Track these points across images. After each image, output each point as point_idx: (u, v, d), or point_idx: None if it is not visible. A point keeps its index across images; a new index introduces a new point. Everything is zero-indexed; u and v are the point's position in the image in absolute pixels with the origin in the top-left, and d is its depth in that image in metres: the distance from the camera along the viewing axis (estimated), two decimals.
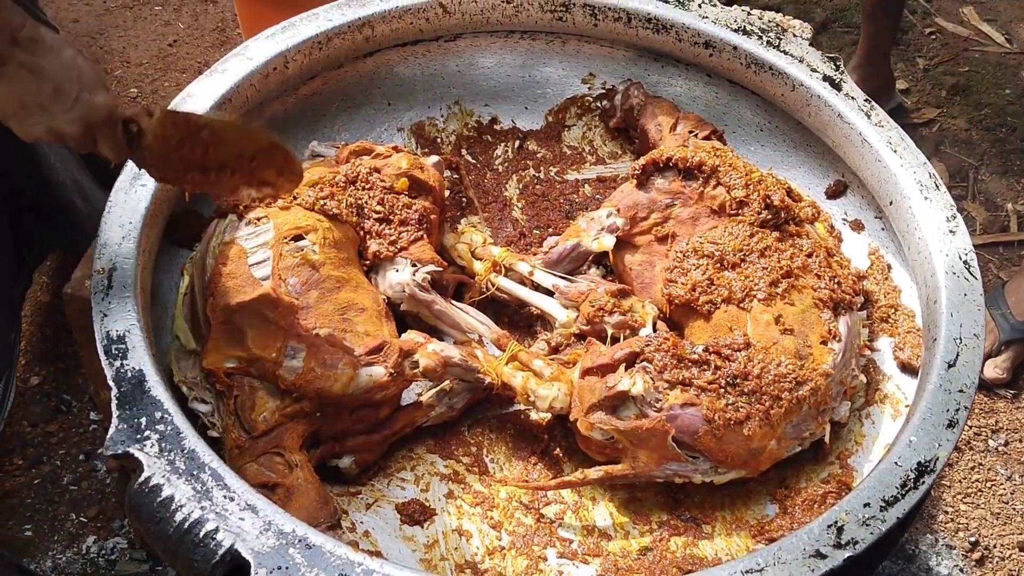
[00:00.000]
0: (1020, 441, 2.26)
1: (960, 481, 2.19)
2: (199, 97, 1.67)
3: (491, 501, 1.51)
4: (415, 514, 1.48)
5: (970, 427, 2.26)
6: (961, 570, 2.05)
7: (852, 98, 1.76)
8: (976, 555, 2.07)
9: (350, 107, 1.93)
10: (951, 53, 3.19)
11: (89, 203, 1.96)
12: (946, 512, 2.14)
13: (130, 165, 1.56)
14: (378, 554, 1.40)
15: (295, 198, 1.59)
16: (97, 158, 2.01)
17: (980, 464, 2.22)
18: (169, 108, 1.34)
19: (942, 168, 2.85)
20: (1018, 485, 2.18)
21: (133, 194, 1.52)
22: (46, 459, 2.11)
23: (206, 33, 3.16)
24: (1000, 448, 2.24)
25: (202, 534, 1.16)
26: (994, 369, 2.33)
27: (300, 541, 1.17)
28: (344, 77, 1.90)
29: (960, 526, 2.12)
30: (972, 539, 2.09)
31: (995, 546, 2.09)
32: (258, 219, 1.57)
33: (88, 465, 2.11)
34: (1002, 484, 2.18)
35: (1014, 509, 2.14)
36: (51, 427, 2.16)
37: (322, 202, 1.60)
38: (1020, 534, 2.11)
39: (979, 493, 2.17)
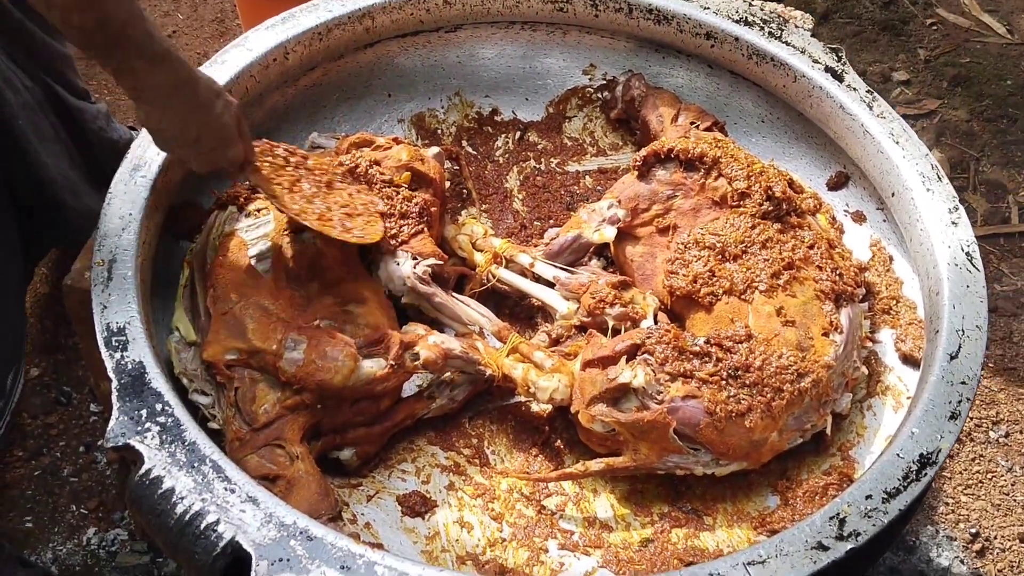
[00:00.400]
0: (1021, 432, 2.26)
1: (961, 472, 2.18)
2: None
3: (492, 493, 1.51)
4: (416, 506, 1.48)
5: (971, 418, 2.26)
6: (962, 561, 2.05)
7: (854, 89, 1.75)
8: (977, 546, 2.07)
9: (350, 98, 1.92)
10: (952, 44, 3.18)
11: (79, 199, 1.96)
12: (947, 504, 2.13)
13: (129, 157, 1.55)
14: (379, 546, 1.39)
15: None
16: (91, 156, 2.01)
17: (981, 456, 2.21)
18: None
19: (943, 159, 2.84)
20: (1019, 476, 2.18)
21: (133, 185, 1.52)
22: (46, 451, 2.11)
23: (205, 24, 3.14)
24: (1001, 439, 2.24)
25: (203, 526, 1.16)
26: None
27: (301, 533, 1.17)
28: (344, 68, 1.90)
29: (961, 517, 2.12)
30: (973, 530, 2.09)
31: (996, 537, 2.09)
32: (258, 211, 1.56)
33: (88, 457, 2.11)
34: (1003, 475, 2.18)
35: (1015, 500, 2.14)
36: (51, 419, 2.16)
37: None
38: (1021, 525, 2.10)
39: (980, 484, 2.17)
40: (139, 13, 1.24)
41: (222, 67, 1.70)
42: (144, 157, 1.55)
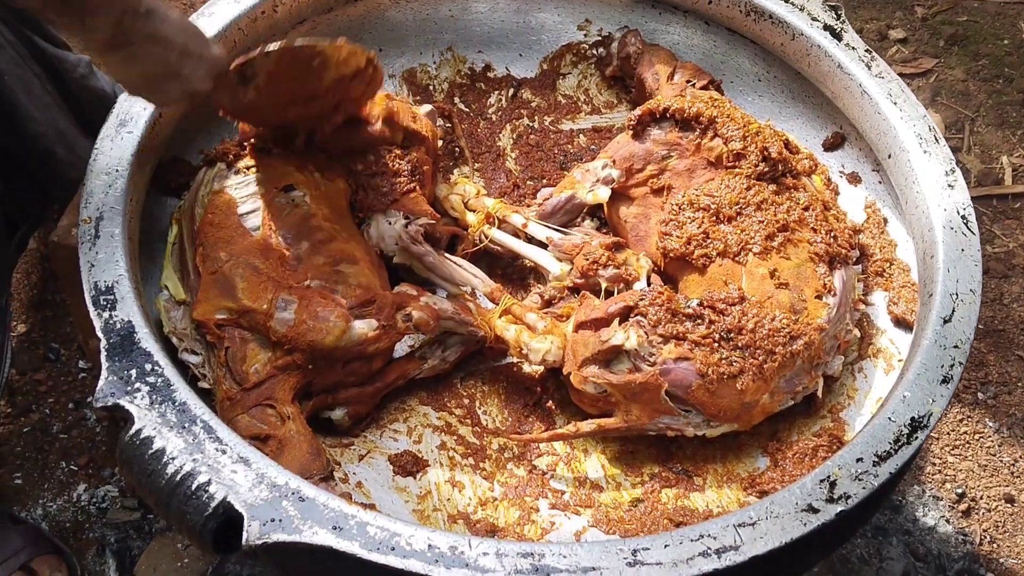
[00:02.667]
0: (1009, 394, 2.27)
1: (948, 433, 2.20)
2: None
3: (483, 453, 1.51)
4: (408, 465, 1.48)
5: (961, 378, 2.27)
6: (947, 521, 2.07)
7: (852, 48, 1.73)
8: (963, 506, 2.09)
9: None
10: (950, 2, 3.14)
11: (72, 151, 1.92)
12: (933, 464, 2.15)
13: (115, 111, 1.52)
14: (371, 506, 1.40)
15: (288, 148, 1.55)
16: (77, 106, 1.96)
17: (969, 417, 2.23)
18: (286, 45, 1.38)
19: (938, 119, 2.82)
20: (1006, 438, 2.20)
21: (119, 141, 1.49)
22: (35, 408, 2.10)
23: None
24: (989, 401, 2.26)
25: (194, 487, 1.16)
26: None
27: (293, 494, 1.16)
28: (334, 22, 1.86)
29: (947, 478, 2.14)
30: (959, 491, 2.11)
31: (982, 498, 2.11)
32: (248, 168, 1.54)
33: (78, 413, 2.10)
34: (990, 436, 2.20)
35: (1001, 461, 2.16)
36: (39, 375, 2.14)
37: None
38: (1007, 486, 2.13)
39: (967, 445, 2.19)
40: None
41: (210, 19, 1.66)
42: (130, 112, 1.52)
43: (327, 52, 1.39)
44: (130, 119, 1.51)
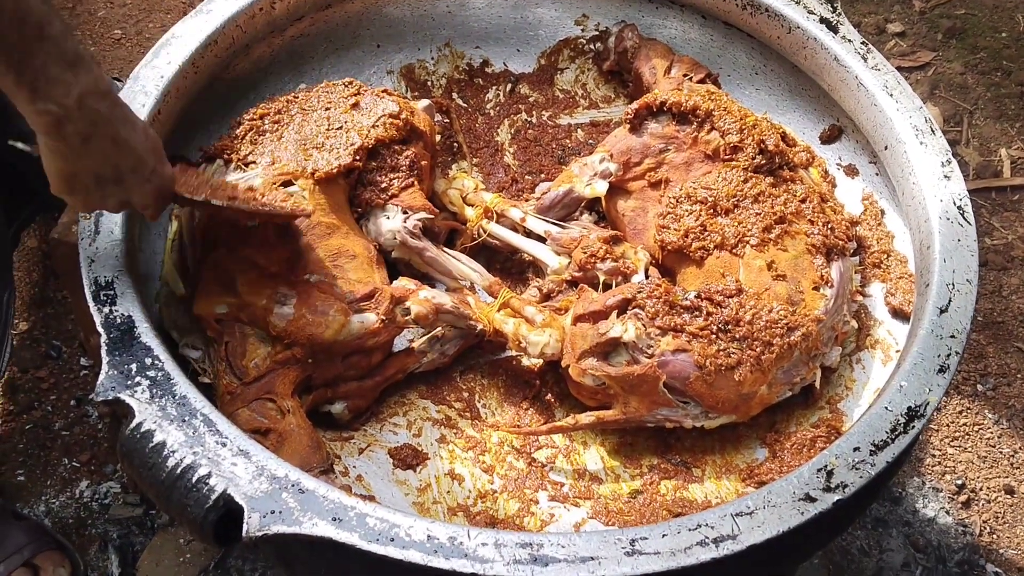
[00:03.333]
0: (1008, 385, 2.28)
1: (948, 425, 2.21)
2: (184, 38, 1.63)
3: (483, 446, 1.52)
4: (408, 458, 1.48)
5: (959, 371, 2.28)
6: (947, 512, 2.07)
7: (849, 41, 1.73)
8: (962, 498, 2.10)
9: (338, 49, 1.89)
10: None
11: None
12: (933, 455, 2.16)
13: None
14: (371, 498, 1.41)
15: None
16: None
17: (968, 408, 2.24)
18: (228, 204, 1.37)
19: (936, 112, 2.83)
20: (1005, 429, 2.21)
21: None
22: (37, 404, 2.11)
23: None
24: (988, 392, 2.26)
25: (195, 480, 1.16)
26: None
27: (293, 486, 1.17)
28: (332, 18, 1.86)
29: (947, 469, 2.14)
30: (959, 482, 2.12)
31: (981, 489, 2.12)
32: (246, 164, 1.55)
33: (80, 410, 2.11)
34: (990, 428, 2.21)
35: (1001, 453, 2.17)
36: (41, 373, 2.16)
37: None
38: (1006, 477, 2.13)
39: (966, 437, 2.19)
40: (55, 9, 1.06)
41: (208, 16, 1.67)
42: None
43: (265, 215, 1.39)
44: None
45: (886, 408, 1.32)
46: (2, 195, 1.81)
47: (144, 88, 1.55)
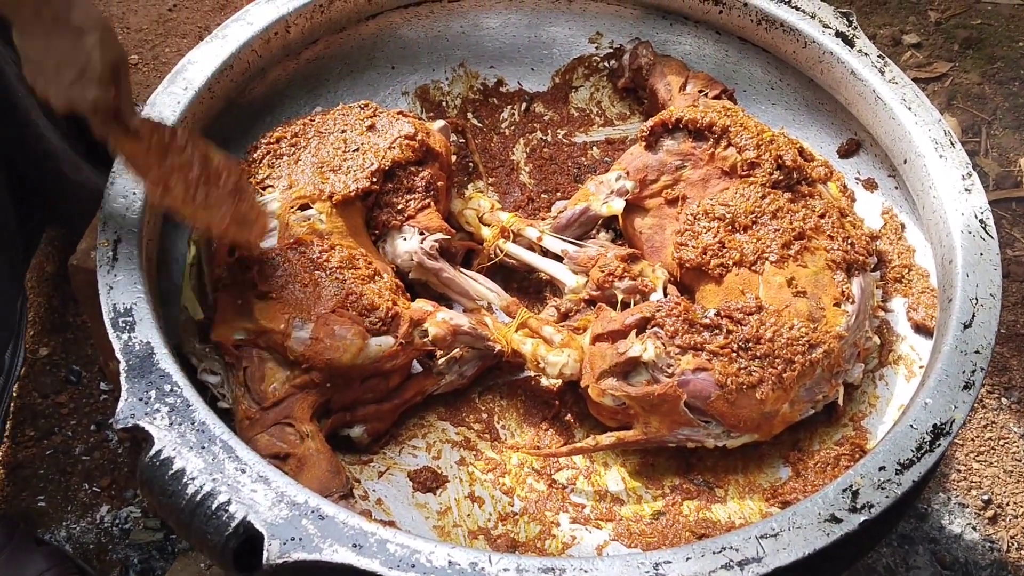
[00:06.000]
0: None
1: (973, 439, 2.18)
2: (200, 64, 1.64)
3: (503, 467, 1.51)
4: (427, 481, 1.48)
5: (983, 385, 2.25)
6: (974, 528, 2.04)
7: (865, 55, 1.72)
8: (989, 513, 2.07)
9: (353, 71, 1.90)
10: (964, 5, 3.13)
11: (78, 172, 1.95)
12: (959, 471, 2.13)
13: None
14: (391, 522, 1.40)
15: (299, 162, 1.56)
16: (84, 130, 1.99)
17: (993, 422, 2.21)
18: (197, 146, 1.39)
19: (954, 123, 2.81)
20: None
21: None
22: (57, 430, 2.12)
23: None
24: (1014, 405, 2.23)
25: (215, 507, 1.16)
26: None
27: (313, 512, 1.16)
28: (346, 40, 1.87)
29: (973, 484, 2.11)
30: (985, 497, 2.09)
31: (1008, 504, 2.09)
32: (264, 188, 1.55)
33: (99, 435, 2.12)
34: (1015, 442, 2.17)
35: None
36: (61, 398, 2.16)
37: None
38: None
39: (992, 451, 2.16)
40: None
41: (223, 42, 1.68)
42: None
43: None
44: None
45: (911, 426, 1.30)
46: (14, 202, 1.83)
47: (161, 114, 1.56)
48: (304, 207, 1.53)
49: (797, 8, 1.78)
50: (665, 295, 1.56)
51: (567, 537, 1.42)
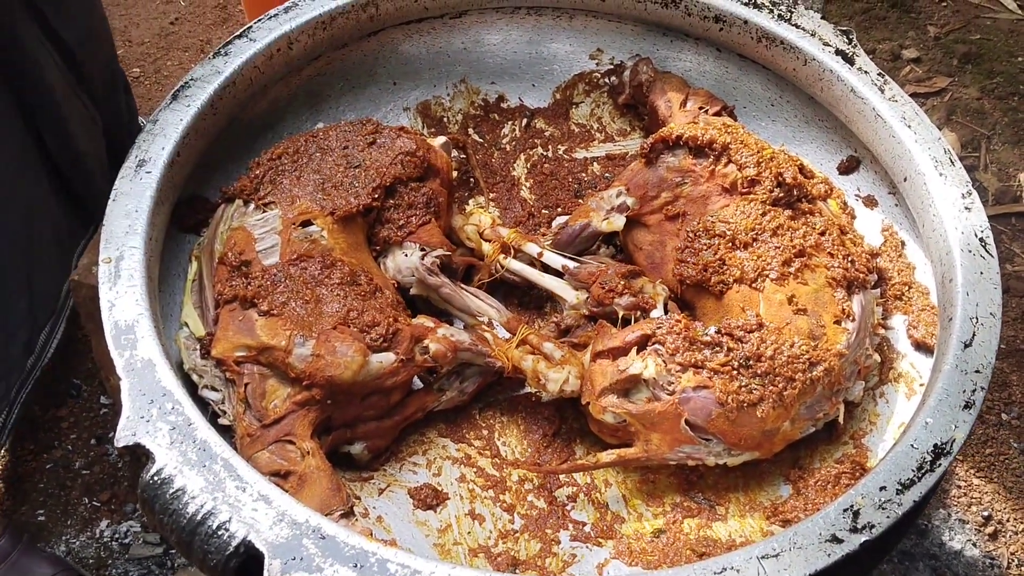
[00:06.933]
0: None
1: (973, 455, 2.18)
2: (202, 81, 1.64)
3: (503, 484, 1.51)
4: (428, 499, 1.48)
5: (984, 401, 2.25)
6: (974, 545, 2.04)
7: (865, 72, 1.73)
8: (989, 529, 2.07)
9: (355, 87, 1.91)
10: (963, 21, 3.14)
11: (105, 177, 1.97)
12: (959, 487, 2.13)
13: (133, 152, 1.54)
14: (392, 541, 1.40)
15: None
16: (113, 142, 2.05)
17: (993, 438, 2.21)
18: None
19: (954, 138, 2.81)
20: None
21: (139, 181, 1.51)
22: (58, 443, 2.12)
23: (208, 10, 3.12)
24: (1014, 421, 2.23)
25: (215, 525, 1.16)
26: None
27: (314, 531, 1.16)
28: (348, 56, 1.88)
29: (973, 500, 2.11)
30: (985, 513, 2.09)
31: (1008, 520, 2.09)
32: (266, 205, 1.55)
33: (100, 449, 2.12)
34: (1015, 458, 2.17)
35: None
36: (62, 411, 2.16)
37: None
38: None
39: (992, 467, 2.16)
40: None
41: (225, 59, 1.68)
42: (149, 152, 1.54)
43: None
44: (149, 159, 1.53)
45: (912, 446, 1.30)
46: (62, 214, 1.87)
47: (164, 131, 1.57)
48: (306, 223, 1.53)
49: (797, 26, 1.79)
50: (666, 312, 1.56)
51: (567, 555, 1.42)
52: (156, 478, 1.20)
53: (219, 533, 1.15)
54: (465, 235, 1.73)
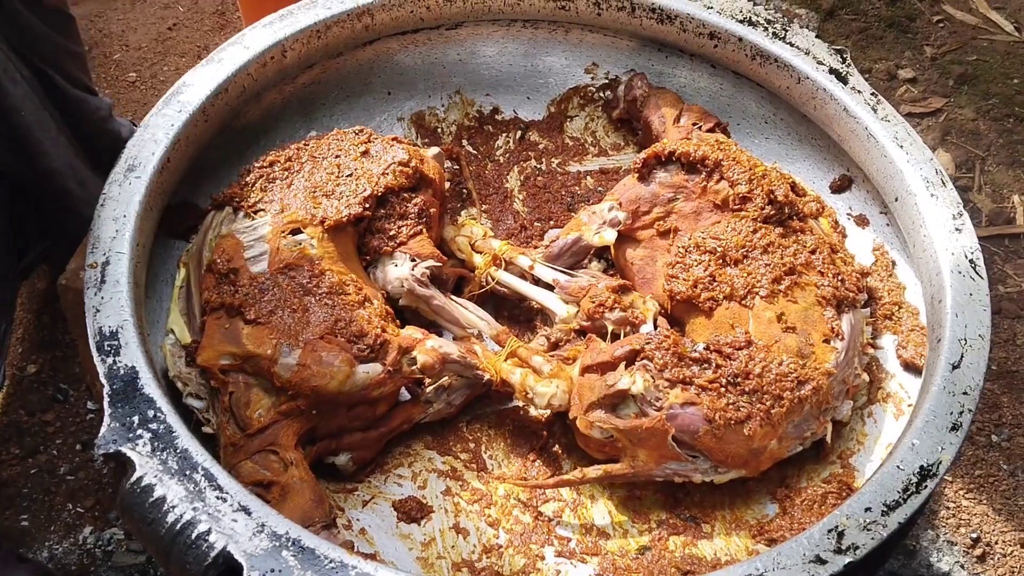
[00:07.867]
0: (1023, 436, 2.24)
1: (962, 476, 2.17)
2: (195, 86, 1.64)
3: (489, 498, 1.50)
4: (412, 511, 1.47)
5: (973, 422, 2.24)
6: (962, 566, 2.03)
7: (858, 92, 1.73)
8: (977, 551, 2.06)
9: (349, 96, 1.90)
10: (959, 42, 3.15)
11: (85, 188, 1.95)
12: (948, 508, 2.12)
13: (123, 157, 1.53)
14: (374, 554, 1.39)
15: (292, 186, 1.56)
16: (91, 148, 2.01)
17: (983, 459, 2.20)
18: None
19: (948, 159, 2.82)
20: (1021, 481, 2.17)
21: (127, 186, 1.50)
22: (43, 448, 2.10)
23: (206, 17, 3.12)
24: (1003, 443, 2.23)
25: (194, 536, 1.15)
26: None
27: (294, 544, 1.15)
28: (343, 66, 1.88)
29: (962, 522, 2.10)
30: (974, 535, 2.08)
31: (997, 542, 2.08)
32: (255, 212, 1.55)
33: (85, 455, 2.10)
34: (1004, 480, 2.17)
35: (1016, 505, 2.13)
36: (48, 416, 2.15)
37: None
38: (1022, 531, 2.09)
39: (981, 489, 2.16)
40: None
41: (219, 65, 1.68)
42: (139, 157, 1.53)
43: None
44: (138, 164, 1.52)
45: (898, 467, 1.29)
46: (16, 231, 1.83)
47: (154, 136, 1.56)
48: (296, 231, 1.52)
49: (791, 44, 1.79)
50: (655, 327, 1.56)
51: (552, 571, 1.41)
52: (136, 487, 1.19)
53: (198, 543, 1.14)
54: (456, 246, 1.72)
